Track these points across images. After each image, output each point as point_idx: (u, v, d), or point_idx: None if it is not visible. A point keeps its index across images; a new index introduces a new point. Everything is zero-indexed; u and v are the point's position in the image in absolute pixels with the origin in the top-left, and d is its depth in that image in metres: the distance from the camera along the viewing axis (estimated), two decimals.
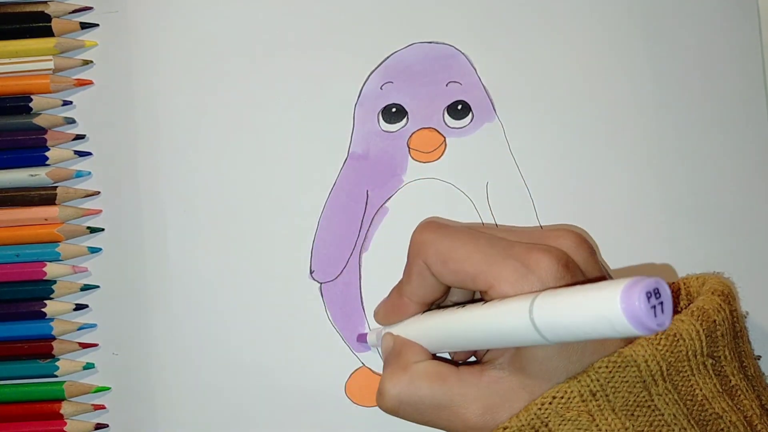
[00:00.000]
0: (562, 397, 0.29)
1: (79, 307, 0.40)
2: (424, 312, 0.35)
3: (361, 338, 0.40)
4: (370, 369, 0.40)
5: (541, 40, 0.41)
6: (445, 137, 0.41)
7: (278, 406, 0.40)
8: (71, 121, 0.41)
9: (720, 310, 0.32)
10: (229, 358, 0.40)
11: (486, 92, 0.41)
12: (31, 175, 0.40)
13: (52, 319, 0.40)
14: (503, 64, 0.41)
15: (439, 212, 0.41)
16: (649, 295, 0.23)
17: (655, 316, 0.23)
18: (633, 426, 0.29)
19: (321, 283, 0.41)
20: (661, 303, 0.23)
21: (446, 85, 0.41)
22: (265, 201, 0.41)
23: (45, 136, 0.41)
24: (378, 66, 0.41)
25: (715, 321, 0.31)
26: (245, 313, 0.41)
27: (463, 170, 0.41)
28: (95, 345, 0.41)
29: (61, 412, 0.40)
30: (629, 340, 0.30)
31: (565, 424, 0.29)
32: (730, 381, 0.31)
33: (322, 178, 0.41)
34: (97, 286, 0.41)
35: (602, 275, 0.32)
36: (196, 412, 0.40)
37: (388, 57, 0.41)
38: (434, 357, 0.33)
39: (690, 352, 0.30)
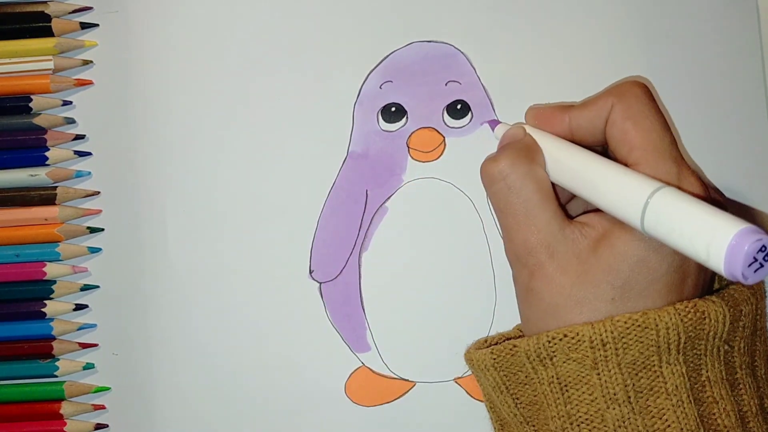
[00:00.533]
0: (572, 338, 0.30)
1: (79, 307, 0.41)
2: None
3: (492, 123, 0.39)
4: (369, 369, 0.40)
5: (541, 40, 0.41)
6: (444, 137, 0.41)
7: (278, 406, 0.40)
8: (71, 121, 0.41)
9: (748, 302, 0.32)
10: (228, 358, 0.40)
11: (485, 92, 0.41)
12: (31, 175, 0.41)
13: (52, 319, 0.40)
14: (503, 64, 0.41)
15: (438, 212, 0.41)
16: (762, 249, 0.24)
17: (753, 270, 0.24)
18: (633, 385, 0.29)
19: (320, 283, 0.41)
20: (764, 261, 0.24)
21: (446, 85, 0.41)
22: (265, 201, 0.41)
23: (45, 136, 0.41)
24: (377, 65, 0.41)
25: (741, 311, 0.31)
26: (245, 313, 0.41)
27: (462, 170, 0.41)
28: (95, 345, 0.41)
29: (61, 412, 0.40)
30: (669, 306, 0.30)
31: (568, 363, 0.30)
32: (736, 373, 0.31)
33: (322, 177, 0.41)
34: (97, 286, 0.41)
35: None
36: (196, 412, 0.40)
37: (387, 56, 0.41)
38: None
39: (711, 333, 0.30)
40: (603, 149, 0.36)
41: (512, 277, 0.34)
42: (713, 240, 0.24)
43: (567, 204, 0.36)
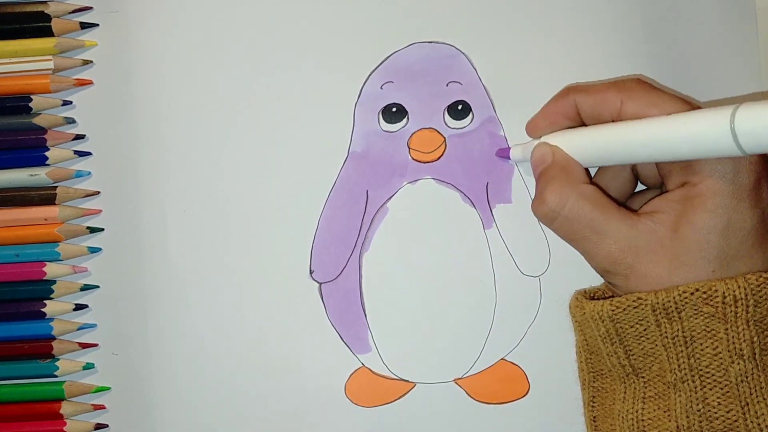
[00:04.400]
0: (705, 293, 0.30)
1: (79, 307, 0.41)
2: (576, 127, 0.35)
3: (502, 153, 0.40)
4: (369, 369, 0.40)
5: (541, 40, 0.41)
6: (445, 137, 0.41)
7: (278, 407, 0.40)
8: (71, 121, 0.41)
9: None
10: (228, 358, 0.40)
11: (486, 92, 0.41)
12: (31, 175, 0.40)
13: (52, 319, 0.40)
14: (503, 64, 0.41)
15: (439, 212, 0.41)
16: None
17: None
18: (759, 342, 0.30)
19: (320, 284, 0.41)
20: None
21: (446, 85, 0.41)
22: (265, 201, 0.41)
23: (45, 136, 0.41)
24: (378, 66, 0.41)
25: None
26: (245, 314, 0.41)
27: (463, 170, 0.41)
28: (95, 345, 0.41)
29: (61, 412, 0.40)
30: None
31: (696, 318, 0.30)
32: None
33: (322, 178, 0.41)
34: (97, 286, 0.41)
35: None
36: (196, 412, 0.40)
37: (388, 57, 0.41)
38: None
39: None
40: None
41: (605, 282, 0.35)
42: None
43: (630, 200, 0.37)
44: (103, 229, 0.41)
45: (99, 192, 0.41)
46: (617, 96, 0.33)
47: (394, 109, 0.41)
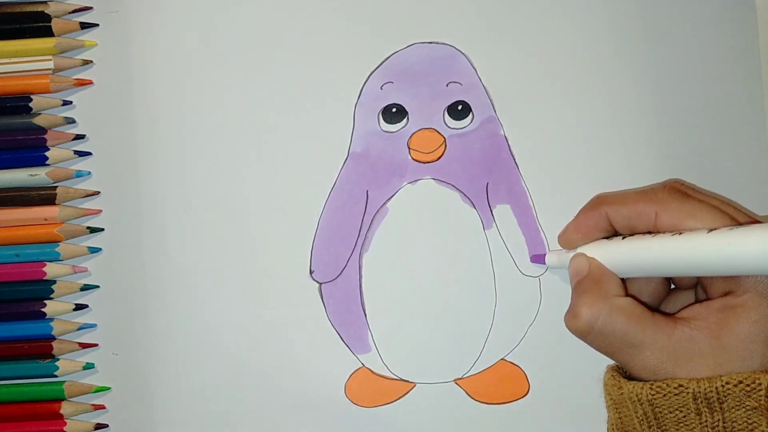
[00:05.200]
0: (749, 385, 0.30)
1: (79, 307, 0.41)
2: (610, 237, 0.35)
3: (537, 259, 0.40)
4: (369, 369, 0.40)
5: (542, 40, 0.41)
6: (445, 137, 0.41)
7: (278, 407, 0.40)
8: (71, 121, 0.41)
9: None
10: (228, 358, 0.40)
11: (486, 92, 0.41)
12: (31, 175, 0.40)
13: (52, 319, 0.40)
14: (504, 65, 0.41)
15: (439, 212, 0.41)
16: None
17: None
18: None
19: (320, 284, 0.41)
20: None
21: (446, 86, 0.41)
22: (265, 201, 0.41)
23: (45, 136, 0.41)
24: (378, 66, 0.41)
25: None
26: (245, 313, 0.41)
27: (463, 171, 0.41)
28: (95, 345, 0.41)
29: (61, 412, 0.40)
30: None
31: (738, 410, 0.30)
32: None
33: (323, 178, 0.41)
34: (97, 286, 0.41)
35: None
36: (196, 412, 0.40)
37: (388, 57, 0.41)
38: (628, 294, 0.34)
39: None
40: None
41: None
42: None
43: (663, 302, 0.37)
44: (103, 229, 0.41)
45: (99, 192, 0.41)
46: (651, 208, 0.33)
47: (394, 110, 0.41)
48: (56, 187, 0.41)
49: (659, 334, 0.32)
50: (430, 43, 0.41)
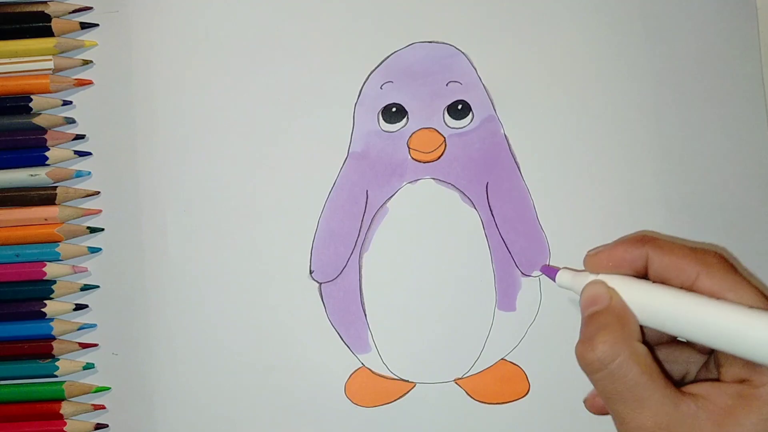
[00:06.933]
0: None
1: (79, 307, 0.41)
2: (636, 278, 0.33)
3: (548, 271, 0.35)
4: (369, 369, 0.40)
5: (541, 40, 0.41)
6: (445, 137, 0.41)
7: (278, 406, 0.40)
8: (71, 121, 0.41)
9: None
10: (228, 358, 0.40)
11: (486, 92, 0.41)
12: (31, 175, 0.40)
13: (52, 319, 0.40)
14: (503, 64, 0.41)
15: (439, 212, 0.41)
16: None
17: None
18: None
19: (320, 284, 0.41)
20: None
21: (446, 85, 0.41)
22: (265, 201, 0.41)
23: (45, 136, 0.41)
24: (378, 65, 0.41)
25: None
26: (245, 313, 0.41)
27: (463, 170, 0.41)
28: (95, 345, 0.41)
29: (61, 412, 0.40)
30: None
31: None
32: None
33: (322, 178, 0.41)
34: (97, 286, 0.41)
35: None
36: (196, 412, 0.40)
37: (388, 56, 0.41)
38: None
39: None
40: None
41: None
42: None
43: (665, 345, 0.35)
44: (103, 229, 0.41)
45: (99, 192, 0.41)
46: (695, 267, 0.31)
47: (393, 109, 0.41)
48: (56, 187, 0.41)
49: (667, 399, 0.30)
50: (430, 42, 0.41)
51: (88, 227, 0.41)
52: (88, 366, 0.41)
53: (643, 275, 0.33)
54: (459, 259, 0.41)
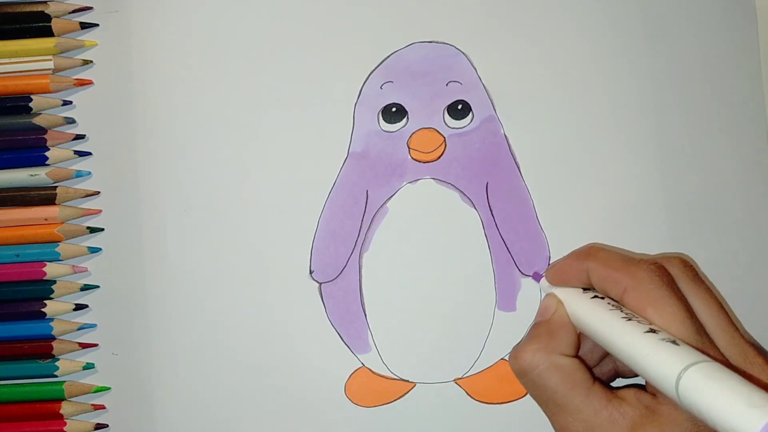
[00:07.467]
0: None
1: (79, 307, 0.41)
2: (592, 293, 0.34)
3: (535, 276, 0.39)
4: (369, 369, 0.40)
5: (542, 40, 0.41)
6: (445, 137, 0.41)
7: (278, 406, 0.40)
8: (71, 121, 0.41)
9: None
10: (228, 358, 0.40)
11: (486, 92, 0.41)
12: (31, 175, 0.40)
13: (52, 319, 0.40)
14: (503, 64, 0.41)
15: (439, 212, 0.41)
16: None
17: None
18: None
19: (320, 284, 0.41)
20: None
21: (446, 85, 0.41)
22: (265, 201, 0.41)
23: (45, 136, 0.41)
24: (378, 65, 0.41)
25: None
26: (245, 313, 0.41)
27: (463, 170, 0.41)
28: (95, 345, 0.41)
29: (61, 412, 0.40)
30: None
31: None
32: None
33: (322, 177, 0.41)
34: (97, 286, 0.41)
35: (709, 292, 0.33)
36: (196, 412, 0.40)
37: (388, 56, 0.41)
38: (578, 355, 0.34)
39: None
40: None
41: None
42: (740, 427, 0.24)
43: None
44: (103, 229, 0.41)
45: (99, 192, 0.41)
46: (624, 281, 0.32)
47: (393, 109, 0.41)
48: (56, 187, 0.41)
49: (586, 406, 0.32)
50: (430, 42, 0.41)
51: (88, 227, 0.41)
52: (88, 366, 0.41)
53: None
54: (459, 259, 0.41)
